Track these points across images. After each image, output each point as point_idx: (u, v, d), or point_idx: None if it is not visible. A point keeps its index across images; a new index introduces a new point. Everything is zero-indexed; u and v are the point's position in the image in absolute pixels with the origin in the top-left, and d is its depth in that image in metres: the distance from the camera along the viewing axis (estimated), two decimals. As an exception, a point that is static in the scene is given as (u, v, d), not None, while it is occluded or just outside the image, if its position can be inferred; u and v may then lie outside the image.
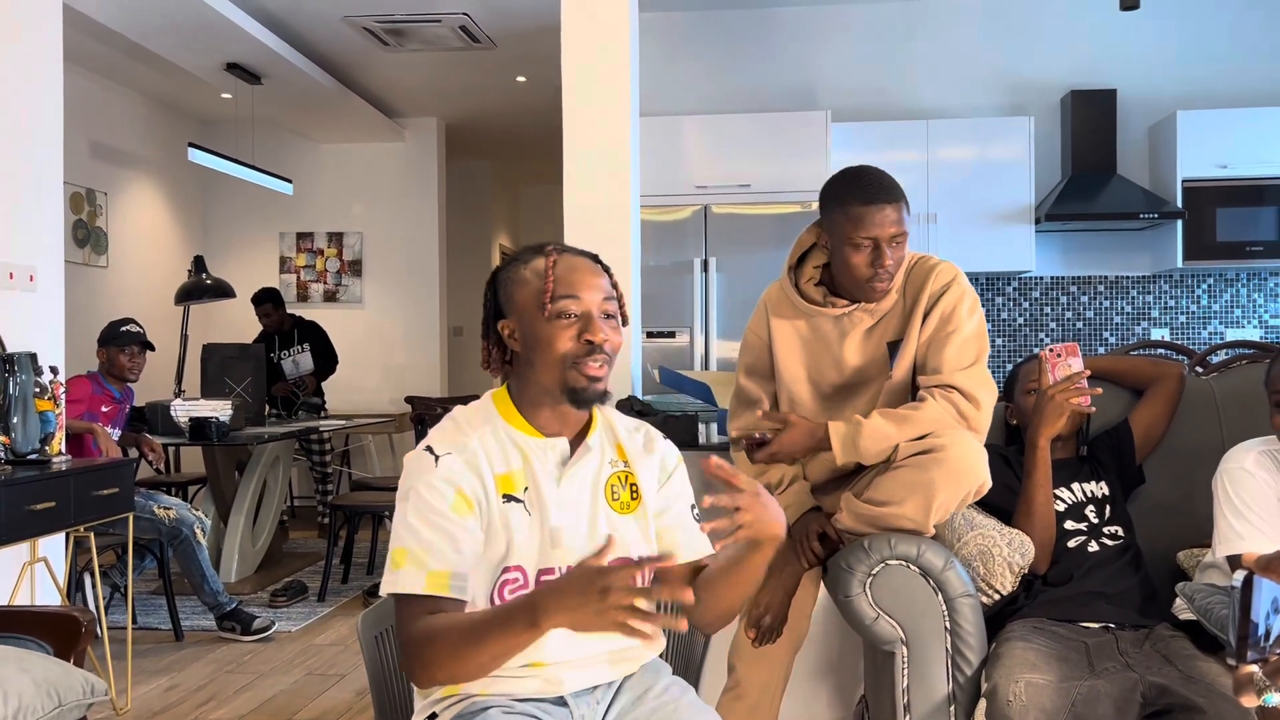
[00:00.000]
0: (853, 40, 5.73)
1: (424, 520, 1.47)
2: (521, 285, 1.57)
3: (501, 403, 1.60)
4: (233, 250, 7.94)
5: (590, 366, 1.53)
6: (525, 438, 1.57)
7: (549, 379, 1.54)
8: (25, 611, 2.25)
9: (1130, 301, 5.66)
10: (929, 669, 2.05)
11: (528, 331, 1.55)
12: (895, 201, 2.10)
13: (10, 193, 3.41)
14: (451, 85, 6.93)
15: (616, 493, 1.61)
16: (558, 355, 1.52)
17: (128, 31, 5.18)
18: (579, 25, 3.61)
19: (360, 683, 3.75)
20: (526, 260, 1.59)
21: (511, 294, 1.58)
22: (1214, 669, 1.89)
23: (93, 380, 4.35)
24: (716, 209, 5.23)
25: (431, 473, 1.49)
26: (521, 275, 1.58)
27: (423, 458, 1.51)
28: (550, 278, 1.53)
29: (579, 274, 1.55)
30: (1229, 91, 5.54)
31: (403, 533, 1.48)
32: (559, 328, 1.52)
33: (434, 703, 1.55)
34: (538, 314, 1.53)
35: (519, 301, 1.57)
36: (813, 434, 2.12)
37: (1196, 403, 2.54)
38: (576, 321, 1.53)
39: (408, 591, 1.45)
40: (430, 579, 1.44)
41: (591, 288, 1.55)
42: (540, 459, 1.56)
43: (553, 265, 1.55)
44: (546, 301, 1.52)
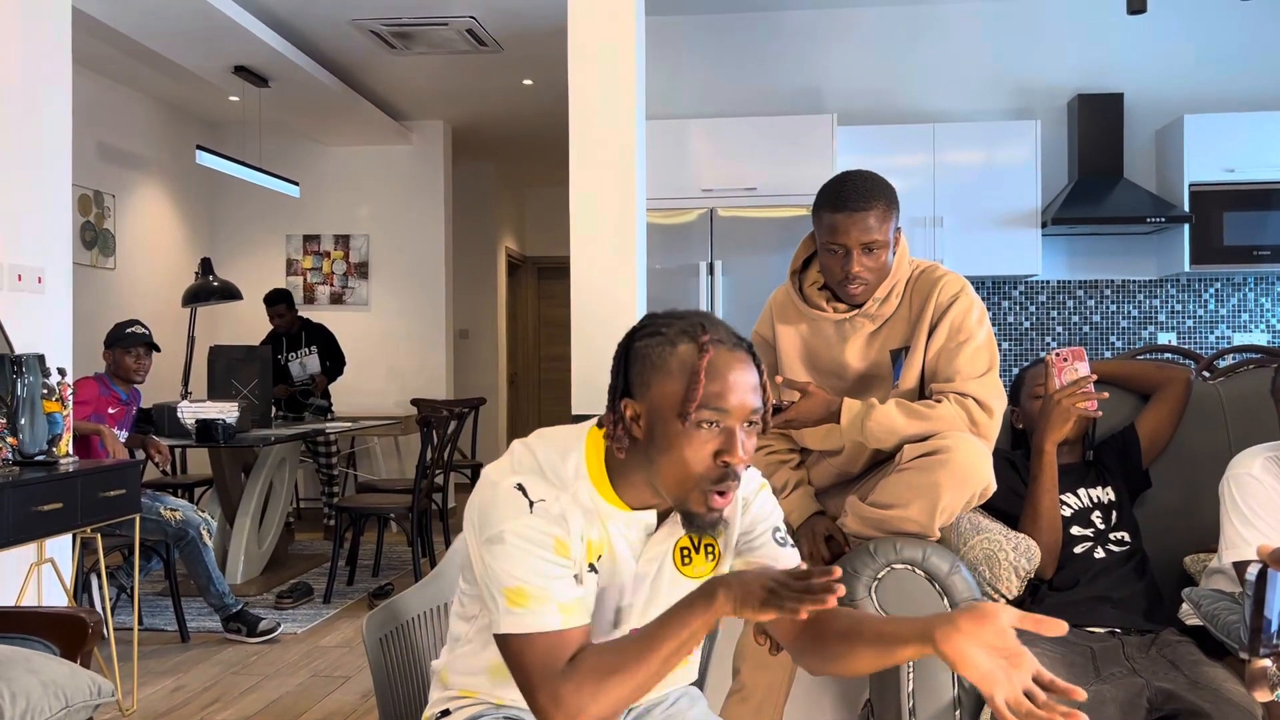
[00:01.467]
0: (859, 44, 5.73)
1: (531, 558, 1.34)
2: (662, 375, 1.35)
3: (594, 463, 1.42)
4: (239, 252, 7.96)
5: (718, 498, 1.35)
6: (610, 509, 1.41)
7: (665, 487, 1.37)
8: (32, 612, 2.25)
9: (1137, 305, 5.65)
10: (934, 674, 2.04)
11: (657, 429, 1.35)
12: (865, 209, 2.09)
13: (19, 194, 3.42)
14: (458, 88, 6.94)
15: (688, 556, 1.47)
16: (686, 471, 1.34)
17: (136, 34, 5.20)
18: (585, 29, 3.61)
19: (365, 685, 3.75)
20: (673, 341, 1.36)
21: (647, 378, 1.37)
22: (1220, 674, 1.89)
23: (99, 382, 4.37)
24: (722, 212, 5.23)
25: (526, 515, 1.35)
26: (666, 361, 1.36)
27: (515, 498, 1.36)
28: (701, 382, 1.32)
29: (733, 377, 1.34)
30: (1236, 95, 5.53)
31: (511, 570, 1.34)
32: (697, 439, 1.33)
33: (449, 699, 1.54)
34: (674, 418, 1.33)
35: (654, 392, 1.36)
36: (828, 406, 2.11)
37: (1203, 407, 2.54)
38: (718, 435, 1.34)
39: (539, 629, 1.32)
40: (564, 612, 1.33)
41: (742, 394, 1.34)
42: (621, 531, 1.43)
43: (705, 366, 1.33)
44: (690, 410, 1.32)
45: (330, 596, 5.02)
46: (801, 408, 2.10)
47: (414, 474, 5.42)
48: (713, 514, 1.36)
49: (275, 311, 6.66)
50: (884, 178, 2.18)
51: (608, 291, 3.77)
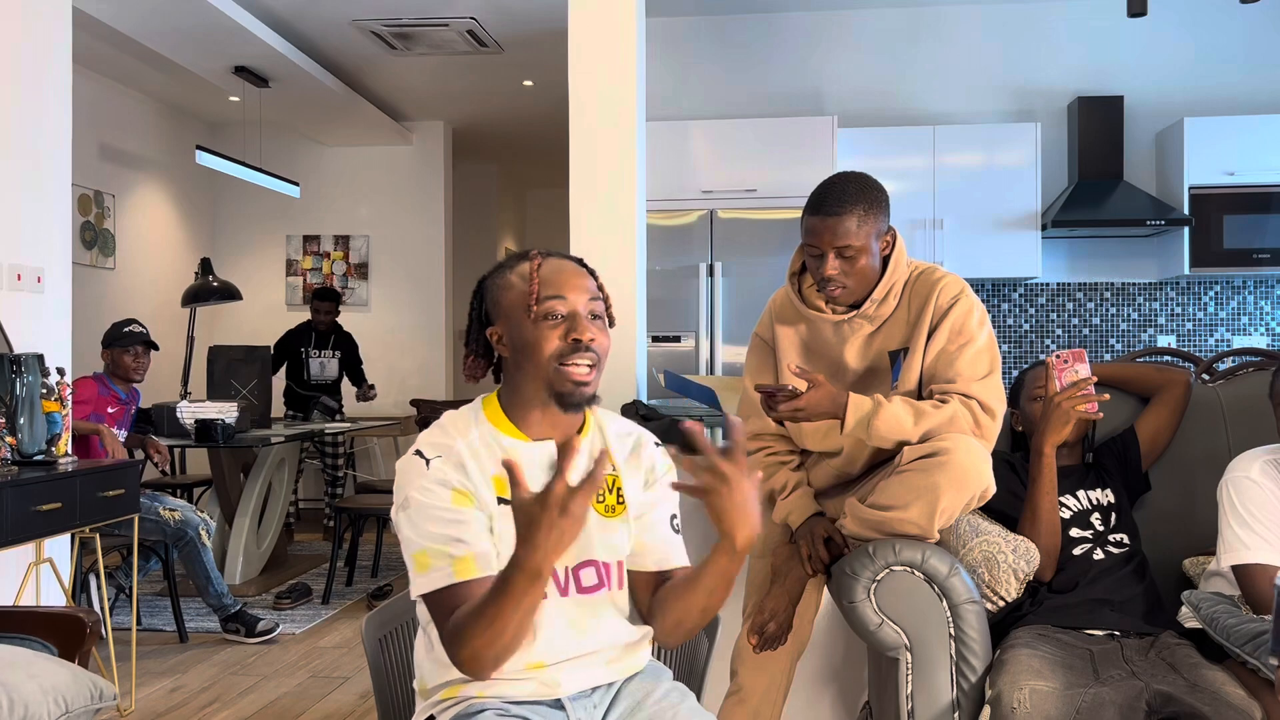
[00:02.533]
0: (860, 46, 5.74)
1: (429, 519, 1.47)
2: (507, 290, 1.58)
3: (490, 407, 1.59)
4: (239, 253, 7.96)
5: (577, 369, 1.52)
6: (513, 441, 1.56)
7: (537, 381, 1.54)
8: (31, 612, 2.25)
9: (1137, 308, 5.65)
10: (933, 675, 2.04)
11: (515, 335, 1.55)
12: (840, 214, 2.09)
13: (19, 194, 3.42)
14: (458, 89, 6.94)
15: (601, 495, 1.59)
16: (545, 355, 1.52)
17: (136, 35, 5.20)
18: (586, 30, 3.61)
19: (364, 685, 3.75)
20: (512, 266, 1.60)
21: (498, 299, 1.59)
22: (1219, 677, 1.89)
23: (99, 382, 4.36)
24: (722, 214, 5.23)
25: (424, 475, 1.49)
26: (507, 280, 1.58)
27: (413, 462, 1.51)
28: (535, 280, 1.54)
29: (564, 275, 1.56)
30: (1237, 99, 5.54)
31: (413, 537, 1.47)
32: (545, 328, 1.53)
33: (433, 704, 1.55)
34: (524, 316, 1.54)
35: (505, 306, 1.57)
36: (835, 400, 2.08)
37: (1203, 410, 2.54)
38: (563, 322, 1.53)
39: (440, 586, 1.44)
40: (458, 566, 1.44)
41: (577, 289, 1.55)
42: (528, 462, 1.54)
43: (537, 268, 1.55)
44: (532, 303, 1.53)
45: (329, 597, 5.02)
46: (810, 398, 2.08)
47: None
48: (580, 386, 1.52)
49: (325, 307, 6.65)
50: (874, 180, 2.16)
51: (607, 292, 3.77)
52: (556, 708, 1.53)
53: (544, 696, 1.53)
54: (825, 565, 2.20)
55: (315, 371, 6.67)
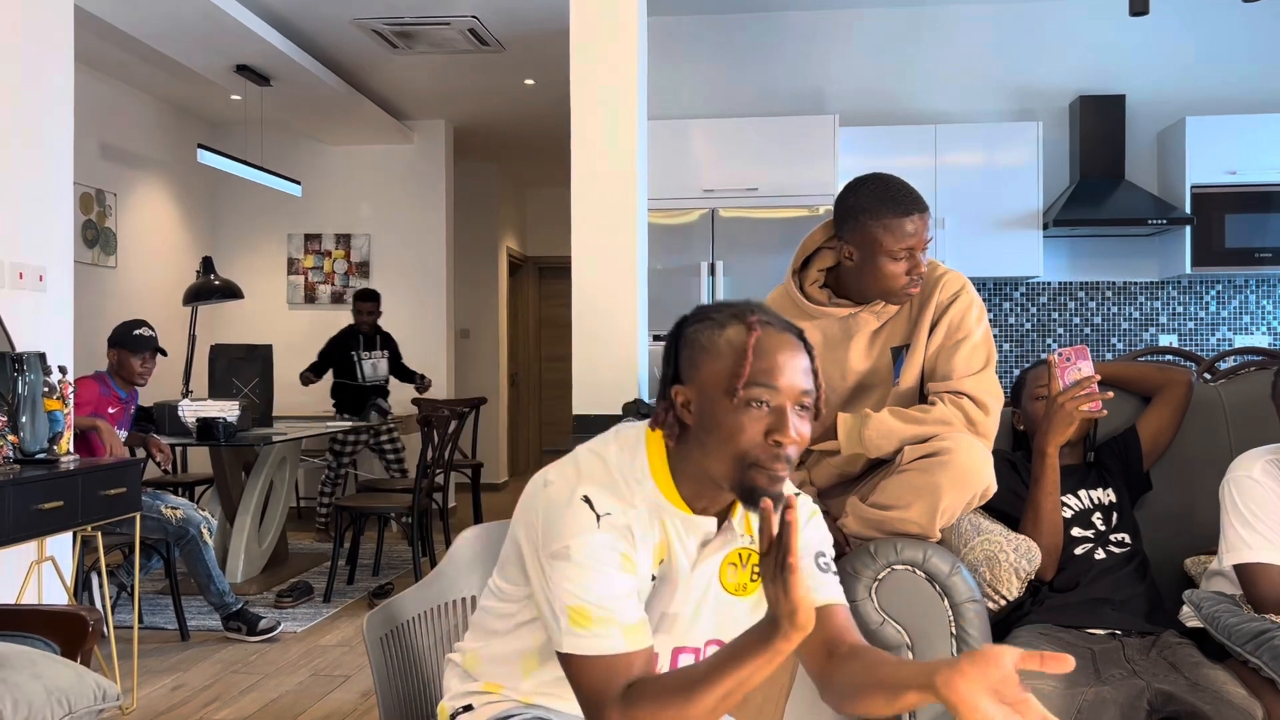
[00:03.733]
0: (861, 45, 5.73)
1: (596, 576, 1.32)
2: (711, 356, 1.35)
3: (658, 465, 1.40)
4: (241, 251, 7.96)
5: (775, 470, 1.32)
6: (673, 510, 1.39)
7: (720, 471, 1.35)
8: (33, 610, 2.25)
9: (1138, 307, 5.65)
10: (934, 674, 2.04)
11: (707, 411, 1.35)
12: (925, 211, 2.13)
13: (20, 193, 3.43)
14: (460, 88, 6.94)
15: (733, 573, 1.45)
16: (738, 451, 1.32)
17: (138, 33, 5.20)
18: (587, 29, 3.61)
19: (365, 684, 3.75)
20: (722, 324, 1.37)
21: (697, 361, 1.37)
22: (1220, 676, 1.89)
23: (100, 381, 4.36)
24: (724, 213, 5.23)
25: (594, 533, 1.33)
26: (714, 343, 1.36)
27: (581, 511, 1.34)
28: (748, 358, 1.32)
29: (782, 357, 1.33)
30: (1238, 97, 5.53)
31: (570, 591, 1.32)
32: (747, 418, 1.32)
33: (472, 694, 1.51)
34: (724, 397, 1.33)
35: (704, 374, 1.35)
36: (822, 422, 2.12)
37: (1204, 409, 2.54)
38: (768, 415, 1.32)
39: (608, 652, 1.30)
40: (628, 635, 1.31)
41: (792, 374, 1.33)
42: (681, 537, 1.40)
43: (753, 344, 1.33)
44: (739, 386, 1.31)
45: (330, 596, 5.02)
46: None
47: (414, 473, 5.42)
48: (774, 484, 1.32)
49: (366, 308, 6.70)
50: None
51: (609, 291, 3.77)
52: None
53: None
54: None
55: (369, 373, 6.72)
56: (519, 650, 1.48)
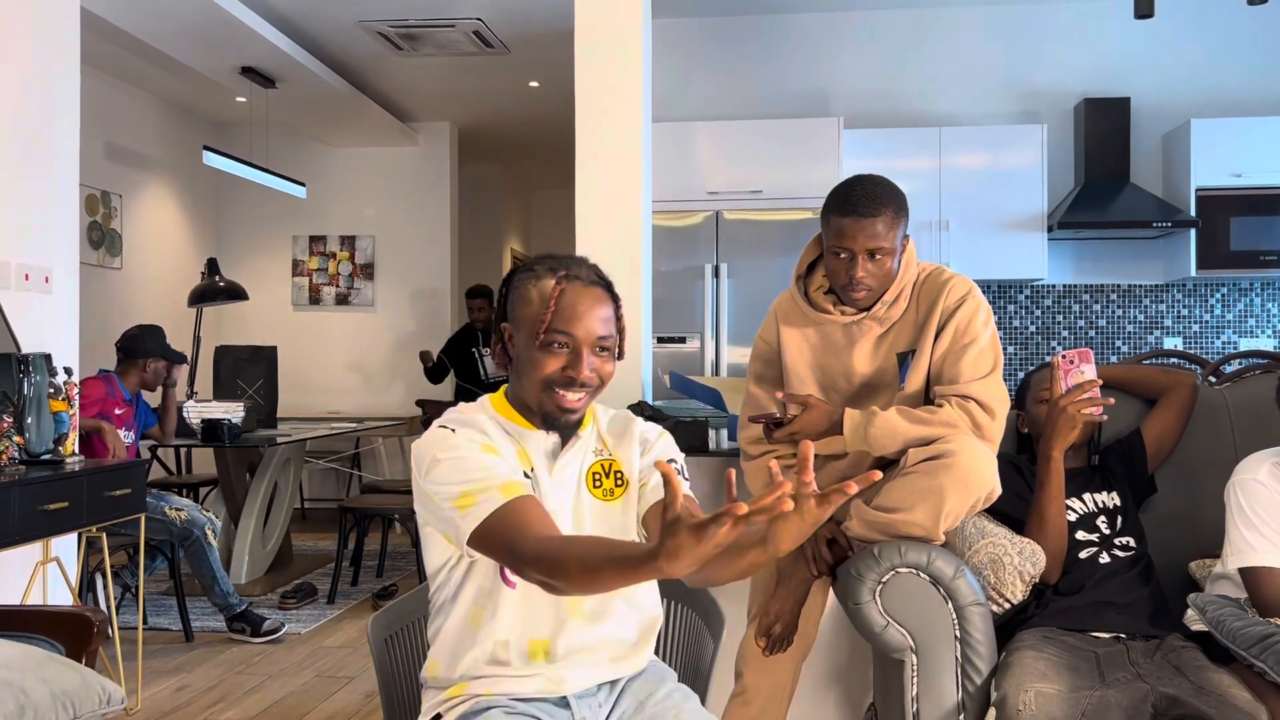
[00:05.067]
0: (866, 47, 5.73)
1: (463, 468, 1.50)
2: (525, 303, 1.61)
3: (498, 402, 1.67)
4: (245, 253, 7.97)
5: (566, 398, 1.57)
6: (520, 429, 1.63)
7: (529, 397, 1.60)
8: (38, 611, 2.26)
9: (1143, 310, 5.64)
10: (938, 677, 2.04)
11: (521, 346, 1.61)
12: (873, 215, 2.09)
13: (26, 194, 3.43)
14: (464, 90, 6.95)
15: (599, 480, 1.64)
16: (538, 378, 1.57)
17: (144, 35, 5.21)
18: (592, 31, 3.61)
19: (369, 685, 3.76)
20: (539, 276, 1.62)
21: (515, 305, 1.63)
22: (1225, 680, 1.88)
23: (106, 382, 4.37)
24: (728, 215, 5.23)
25: (451, 438, 1.54)
26: (528, 293, 1.61)
27: (438, 432, 1.57)
28: (551, 308, 1.56)
29: (580, 308, 1.57)
30: (1243, 100, 5.52)
31: (448, 486, 1.50)
32: (548, 355, 1.57)
33: (439, 703, 1.57)
34: (532, 337, 1.58)
35: (519, 316, 1.61)
36: (830, 418, 2.13)
37: (1209, 413, 2.53)
38: (564, 353, 1.57)
39: (492, 509, 1.45)
40: (504, 489, 1.47)
41: (589, 323, 1.57)
42: (534, 447, 1.62)
43: (557, 296, 1.57)
44: (540, 331, 1.56)
45: (334, 597, 5.03)
46: (804, 420, 2.12)
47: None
48: (566, 413, 1.58)
49: (475, 305, 6.60)
50: (895, 183, 2.18)
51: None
52: (562, 705, 1.55)
53: (550, 694, 1.55)
54: (830, 567, 2.20)
55: (491, 369, 6.62)
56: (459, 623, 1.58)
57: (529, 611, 1.57)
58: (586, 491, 1.63)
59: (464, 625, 1.58)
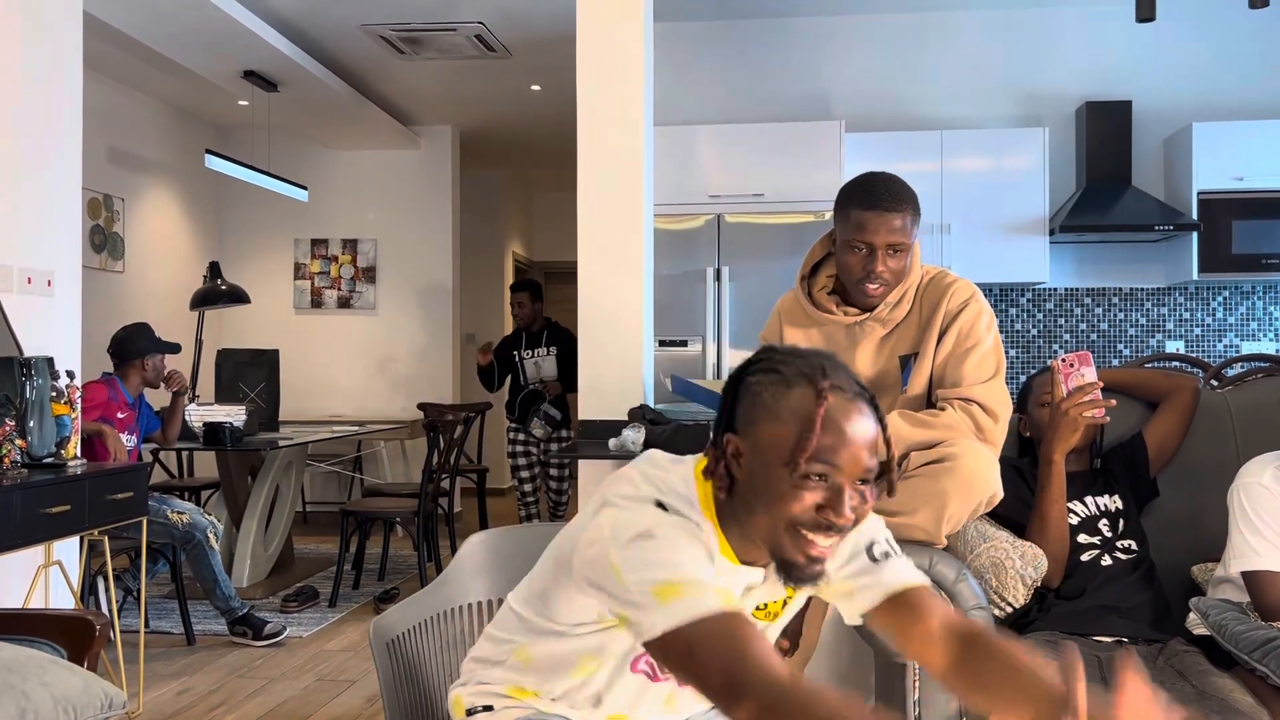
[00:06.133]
0: (867, 50, 5.74)
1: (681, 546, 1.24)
2: (772, 419, 1.26)
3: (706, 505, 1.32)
4: (248, 256, 7.98)
5: (816, 545, 1.25)
6: (720, 558, 1.31)
7: (762, 536, 1.27)
8: (40, 614, 2.26)
9: (1145, 314, 5.63)
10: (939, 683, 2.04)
11: (759, 474, 1.26)
12: (895, 210, 2.10)
13: (29, 197, 3.44)
14: (466, 93, 6.96)
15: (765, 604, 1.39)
16: (784, 515, 1.24)
17: (147, 39, 5.22)
18: (594, 35, 3.62)
19: (370, 689, 3.76)
20: (789, 382, 1.27)
21: (756, 418, 1.27)
22: (1228, 684, 1.88)
23: (108, 385, 4.38)
24: (730, 218, 5.24)
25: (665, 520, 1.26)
26: (778, 405, 1.26)
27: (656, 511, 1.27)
28: (815, 433, 1.22)
29: (850, 428, 1.24)
30: (1245, 103, 5.52)
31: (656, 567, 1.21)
32: (801, 491, 1.23)
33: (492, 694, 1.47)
34: (780, 466, 1.23)
35: (762, 434, 1.26)
36: None
37: (1211, 416, 2.53)
38: (824, 491, 1.24)
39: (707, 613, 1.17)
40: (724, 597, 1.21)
41: (857, 449, 1.24)
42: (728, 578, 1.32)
43: (822, 417, 1.23)
44: (800, 460, 1.22)
45: (336, 600, 5.03)
46: None
47: (420, 478, 5.42)
48: (813, 564, 1.25)
49: (516, 300, 6.02)
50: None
51: (615, 297, 3.77)
52: None
53: None
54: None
55: (530, 373, 5.96)
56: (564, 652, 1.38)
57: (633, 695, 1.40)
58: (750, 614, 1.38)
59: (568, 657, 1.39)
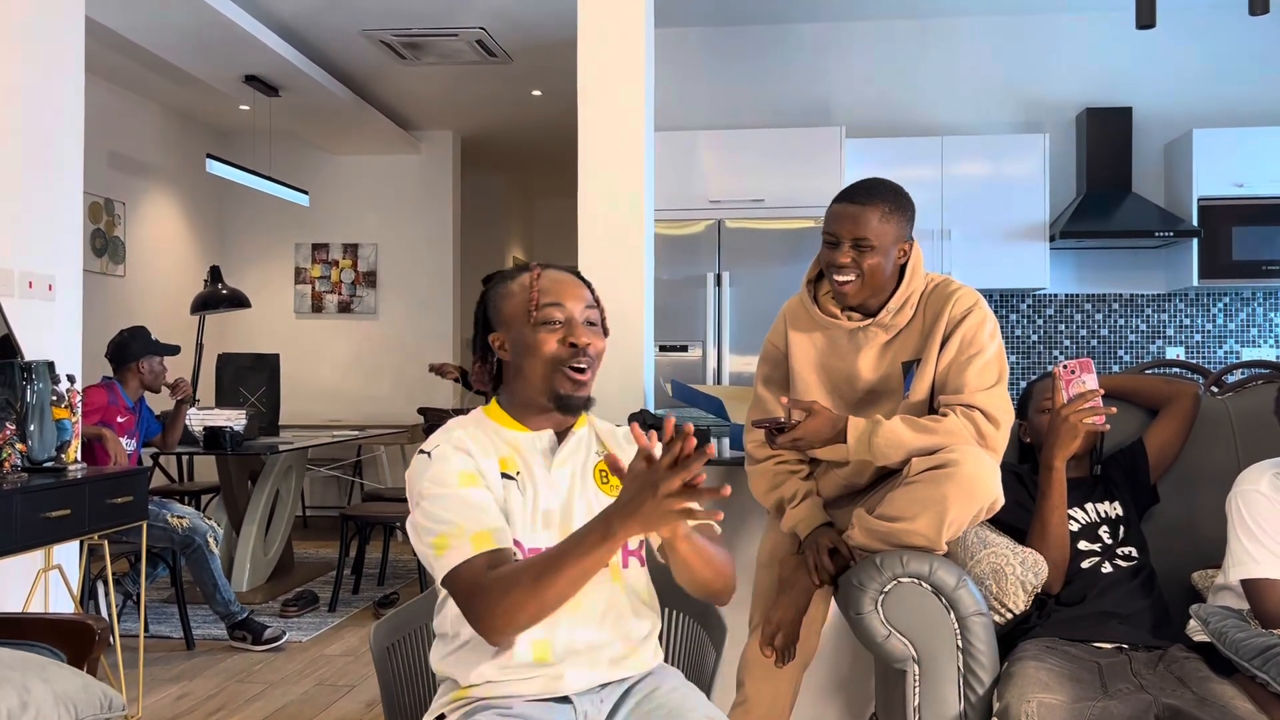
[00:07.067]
0: (868, 56, 5.74)
1: (441, 506, 1.53)
2: (508, 298, 1.68)
3: (491, 410, 1.70)
4: (248, 261, 7.99)
5: (574, 371, 1.62)
6: (513, 432, 1.66)
7: (537, 384, 1.64)
8: (40, 619, 2.26)
9: (1145, 320, 5.64)
10: (941, 688, 2.04)
11: (516, 340, 1.66)
12: (863, 204, 2.13)
13: (30, 202, 3.44)
14: (467, 99, 6.97)
15: (606, 476, 1.68)
16: (545, 358, 1.62)
17: (148, 43, 5.23)
18: (595, 40, 3.62)
19: (370, 694, 3.75)
20: (512, 276, 1.71)
21: (500, 307, 1.69)
22: (1228, 691, 1.88)
23: (108, 389, 4.38)
24: (730, 223, 5.24)
25: (428, 467, 1.57)
26: (508, 289, 1.69)
27: (418, 460, 1.60)
28: (535, 288, 1.65)
29: (562, 285, 1.67)
30: (1245, 110, 5.53)
31: (429, 525, 1.53)
32: (545, 333, 1.63)
33: (444, 704, 1.59)
34: (525, 322, 1.64)
35: (506, 313, 1.68)
36: (834, 425, 2.12)
37: (1211, 422, 2.53)
38: (561, 327, 1.64)
39: (459, 560, 1.49)
40: (474, 541, 1.50)
41: (574, 298, 1.66)
42: (529, 448, 1.65)
43: (536, 278, 1.66)
44: (532, 309, 1.63)
45: (335, 605, 5.02)
46: (808, 427, 2.11)
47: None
48: (579, 388, 1.63)
49: None
50: (904, 190, 2.21)
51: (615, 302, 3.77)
52: (563, 702, 1.56)
53: (551, 693, 1.56)
54: (832, 576, 2.19)
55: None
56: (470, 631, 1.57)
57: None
58: (594, 487, 1.66)
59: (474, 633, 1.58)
